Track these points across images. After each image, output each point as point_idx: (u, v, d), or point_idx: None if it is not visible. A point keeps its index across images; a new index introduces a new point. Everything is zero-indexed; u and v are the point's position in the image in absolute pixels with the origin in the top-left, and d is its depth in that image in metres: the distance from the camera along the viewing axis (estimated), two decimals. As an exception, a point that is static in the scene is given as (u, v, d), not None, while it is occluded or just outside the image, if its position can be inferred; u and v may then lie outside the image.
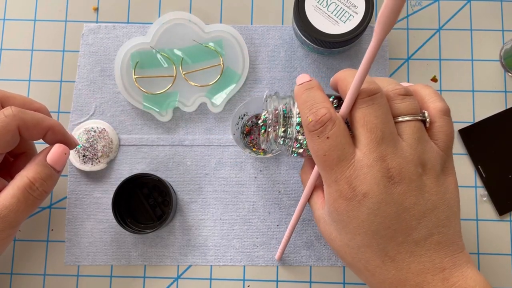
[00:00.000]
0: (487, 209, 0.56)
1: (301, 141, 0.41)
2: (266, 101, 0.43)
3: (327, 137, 0.35)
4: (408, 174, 0.35)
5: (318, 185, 0.43)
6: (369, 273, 0.37)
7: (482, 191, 0.56)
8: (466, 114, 0.57)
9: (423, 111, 0.38)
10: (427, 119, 0.38)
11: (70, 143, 0.46)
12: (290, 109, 0.41)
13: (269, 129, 0.42)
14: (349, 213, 0.35)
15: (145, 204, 0.54)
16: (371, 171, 0.34)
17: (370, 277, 0.37)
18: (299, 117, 0.40)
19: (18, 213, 0.41)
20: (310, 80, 0.39)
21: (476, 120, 0.57)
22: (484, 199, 0.56)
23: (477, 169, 0.56)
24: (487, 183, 0.56)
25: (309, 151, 0.41)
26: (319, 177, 0.42)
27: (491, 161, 0.56)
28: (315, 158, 0.37)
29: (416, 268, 0.35)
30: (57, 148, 0.43)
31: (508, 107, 0.57)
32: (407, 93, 0.37)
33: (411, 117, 0.36)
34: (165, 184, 0.52)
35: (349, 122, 0.38)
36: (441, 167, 0.37)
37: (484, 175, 0.56)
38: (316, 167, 0.41)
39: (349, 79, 0.37)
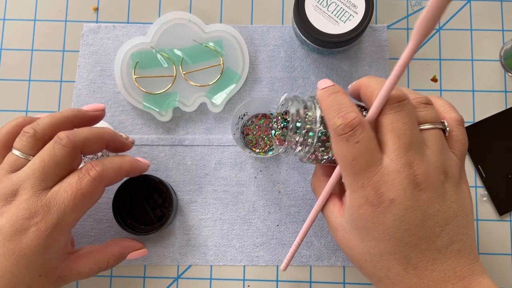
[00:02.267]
0: (487, 209, 0.56)
1: (321, 148, 0.39)
2: (282, 104, 0.42)
3: (357, 142, 0.34)
4: (433, 181, 0.35)
5: (332, 193, 0.41)
6: (390, 281, 0.36)
7: (482, 191, 0.56)
8: (466, 114, 0.57)
9: (442, 120, 0.38)
10: (447, 128, 0.38)
11: (127, 147, 0.48)
12: (313, 114, 0.39)
13: (290, 134, 0.40)
14: (374, 219, 0.35)
15: (145, 205, 0.53)
16: (398, 177, 0.34)
17: (391, 285, 0.36)
18: (322, 122, 0.38)
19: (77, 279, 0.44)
20: (334, 85, 0.38)
21: (476, 120, 0.57)
22: (484, 199, 0.56)
23: (477, 169, 0.56)
24: (487, 183, 0.56)
25: (325, 158, 0.40)
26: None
27: (491, 161, 0.56)
28: (341, 163, 0.36)
29: (438, 276, 0.35)
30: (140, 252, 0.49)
31: (508, 107, 0.57)
32: (428, 102, 0.38)
33: (434, 126, 0.37)
34: (165, 186, 0.51)
35: (373, 128, 0.37)
36: (459, 176, 0.38)
37: (484, 175, 0.56)
38: (334, 174, 0.40)
39: (374, 86, 0.36)
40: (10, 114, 0.58)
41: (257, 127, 0.57)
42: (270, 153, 0.55)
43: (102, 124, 0.56)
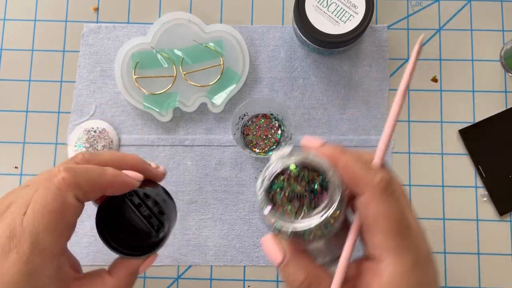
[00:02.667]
0: (488, 209, 0.56)
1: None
2: (277, 162, 0.31)
3: (398, 198, 0.31)
4: None
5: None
6: None
7: (482, 191, 0.56)
8: (466, 114, 0.57)
9: None
10: None
11: (157, 178, 0.41)
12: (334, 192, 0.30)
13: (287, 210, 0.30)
14: (426, 279, 0.31)
15: (137, 215, 0.39)
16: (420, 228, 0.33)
17: None
18: (340, 200, 0.29)
19: None
20: (325, 142, 0.32)
21: (476, 120, 0.57)
22: (485, 199, 0.56)
23: (478, 169, 0.56)
24: (487, 183, 0.56)
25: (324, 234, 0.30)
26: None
27: (491, 161, 0.56)
28: (385, 223, 0.30)
29: None
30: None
31: (508, 107, 0.57)
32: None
33: None
34: (160, 189, 0.40)
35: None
36: None
37: (484, 175, 0.56)
38: (349, 247, 0.31)
39: (356, 164, 0.31)
40: (10, 114, 0.58)
41: (257, 127, 0.57)
42: (270, 153, 0.55)
43: (102, 124, 0.56)
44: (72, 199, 0.33)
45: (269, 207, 0.29)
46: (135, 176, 0.37)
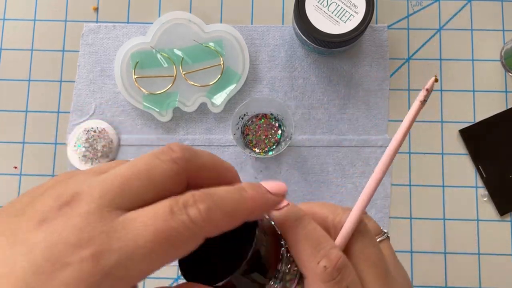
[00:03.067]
0: (488, 210, 0.55)
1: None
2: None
3: (347, 287, 0.27)
4: None
5: None
6: None
7: (482, 191, 0.56)
8: (466, 114, 0.57)
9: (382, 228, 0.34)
10: (388, 235, 0.34)
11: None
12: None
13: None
14: None
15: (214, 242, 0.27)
16: None
17: None
18: (288, 261, 0.26)
19: None
20: (289, 204, 0.27)
21: (477, 120, 0.57)
22: (485, 199, 0.56)
23: (478, 169, 0.56)
24: (488, 183, 0.56)
25: None
26: None
27: (491, 161, 0.56)
28: None
29: None
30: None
31: (509, 107, 0.57)
32: (364, 212, 0.32)
33: (383, 236, 0.33)
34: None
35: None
36: None
37: (484, 175, 0.56)
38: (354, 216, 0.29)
39: (330, 213, 0.29)
40: (10, 114, 0.58)
41: (257, 127, 0.57)
42: (270, 153, 0.55)
43: (102, 124, 0.56)
44: (201, 240, 0.23)
45: None
46: (280, 190, 0.26)
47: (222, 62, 0.56)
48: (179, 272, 0.55)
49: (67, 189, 0.23)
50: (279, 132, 0.57)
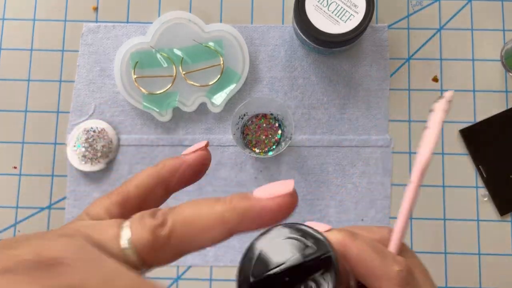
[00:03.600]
0: (488, 210, 0.55)
1: None
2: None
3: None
4: None
5: None
6: None
7: (483, 191, 0.56)
8: (467, 114, 0.57)
9: None
10: None
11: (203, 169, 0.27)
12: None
13: None
14: None
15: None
16: None
17: None
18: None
19: None
20: (331, 228, 0.27)
21: (477, 120, 0.57)
22: (485, 199, 0.56)
23: (478, 169, 0.56)
24: (488, 183, 0.55)
25: None
26: None
27: (492, 161, 0.56)
28: None
29: None
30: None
31: (509, 107, 0.57)
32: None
33: None
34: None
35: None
36: None
37: (485, 175, 0.56)
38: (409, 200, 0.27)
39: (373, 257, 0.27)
40: (10, 114, 0.58)
41: (257, 127, 0.57)
42: (270, 153, 0.55)
43: (101, 124, 0.56)
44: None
45: None
46: (279, 193, 0.24)
47: (222, 62, 0.56)
48: (179, 273, 0.55)
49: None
50: (279, 132, 0.57)
